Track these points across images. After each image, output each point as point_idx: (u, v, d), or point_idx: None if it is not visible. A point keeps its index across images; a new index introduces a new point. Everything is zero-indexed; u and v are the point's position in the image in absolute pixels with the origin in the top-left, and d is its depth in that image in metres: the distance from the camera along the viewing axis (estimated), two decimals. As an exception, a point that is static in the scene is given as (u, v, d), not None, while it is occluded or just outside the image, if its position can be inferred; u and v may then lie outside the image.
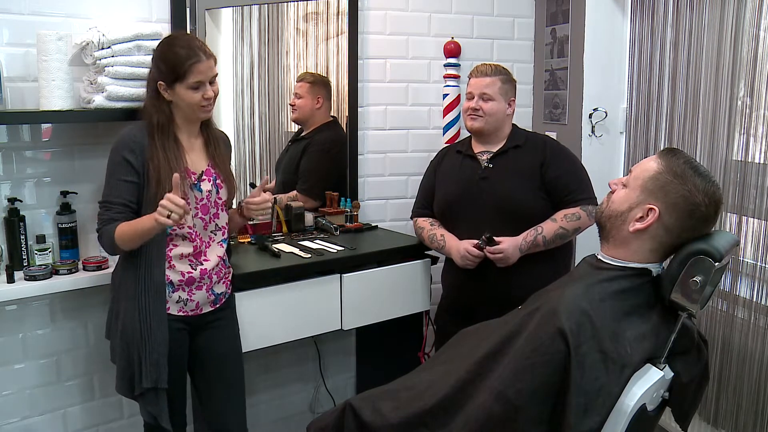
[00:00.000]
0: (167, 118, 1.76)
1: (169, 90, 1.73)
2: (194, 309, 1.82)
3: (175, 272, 1.77)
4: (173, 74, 1.71)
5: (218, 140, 1.89)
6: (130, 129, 1.76)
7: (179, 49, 1.71)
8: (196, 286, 1.80)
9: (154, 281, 1.74)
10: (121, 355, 1.76)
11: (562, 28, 2.72)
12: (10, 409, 2.10)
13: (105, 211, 1.72)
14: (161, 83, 1.73)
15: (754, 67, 2.01)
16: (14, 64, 1.95)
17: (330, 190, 2.60)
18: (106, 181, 1.75)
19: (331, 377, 2.73)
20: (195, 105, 1.74)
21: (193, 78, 1.71)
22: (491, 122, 2.19)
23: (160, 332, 1.73)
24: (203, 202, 1.81)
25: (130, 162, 1.71)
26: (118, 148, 1.73)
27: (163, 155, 1.72)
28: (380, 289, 2.24)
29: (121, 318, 1.76)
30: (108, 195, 1.73)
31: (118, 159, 1.72)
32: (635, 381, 1.32)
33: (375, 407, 1.46)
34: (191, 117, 1.79)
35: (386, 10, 2.63)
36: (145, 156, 1.71)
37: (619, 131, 2.67)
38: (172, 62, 1.70)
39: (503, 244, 2.06)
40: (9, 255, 1.97)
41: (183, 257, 1.78)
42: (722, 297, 2.15)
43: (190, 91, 1.72)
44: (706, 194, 1.37)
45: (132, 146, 1.71)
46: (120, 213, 1.71)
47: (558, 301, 1.37)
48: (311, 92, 2.57)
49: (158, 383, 1.73)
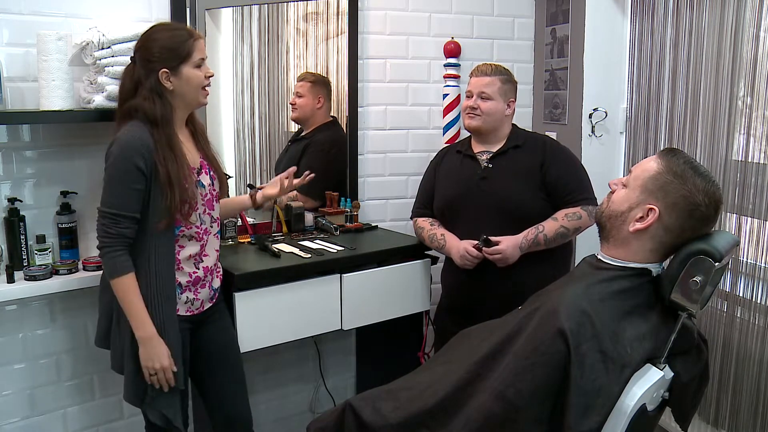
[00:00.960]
0: (169, 111, 1.71)
1: (174, 77, 1.69)
2: (199, 307, 1.82)
3: (183, 274, 1.76)
4: (178, 56, 1.68)
5: (203, 132, 1.87)
6: (132, 132, 1.65)
7: (175, 31, 1.71)
8: (201, 284, 1.80)
9: (165, 285, 1.70)
10: (129, 361, 1.70)
11: (562, 28, 2.72)
12: (10, 409, 2.10)
13: (113, 224, 1.62)
14: (165, 71, 1.68)
15: (754, 67, 2.01)
16: (14, 64, 1.95)
17: (330, 190, 2.60)
18: (112, 189, 1.64)
19: (331, 377, 2.73)
20: (199, 85, 1.73)
21: (198, 55, 1.71)
22: (489, 121, 2.19)
23: (174, 334, 1.72)
24: (207, 197, 1.79)
25: (141, 169, 1.62)
26: (127, 154, 1.62)
27: (171, 155, 1.66)
28: (380, 289, 2.24)
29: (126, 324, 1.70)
30: (118, 206, 1.63)
31: (128, 166, 1.62)
32: (635, 381, 1.32)
33: (375, 407, 1.46)
34: (192, 103, 1.75)
35: (386, 10, 2.63)
36: (153, 159, 1.64)
37: (619, 131, 2.67)
38: (175, 44, 1.69)
39: (501, 244, 2.06)
40: (9, 255, 1.97)
41: (190, 258, 1.77)
42: (722, 297, 2.16)
43: (196, 70, 1.71)
44: (706, 194, 1.37)
45: (143, 151, 1.62)
46: (129, 228, 1.64)
47: (558, 301, 1.37)
48: (312, 92, 2.57)
49: (179, 383, 1.72)
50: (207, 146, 1.86)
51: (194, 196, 1.71)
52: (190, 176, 1.71)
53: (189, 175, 1.70)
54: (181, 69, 1.70)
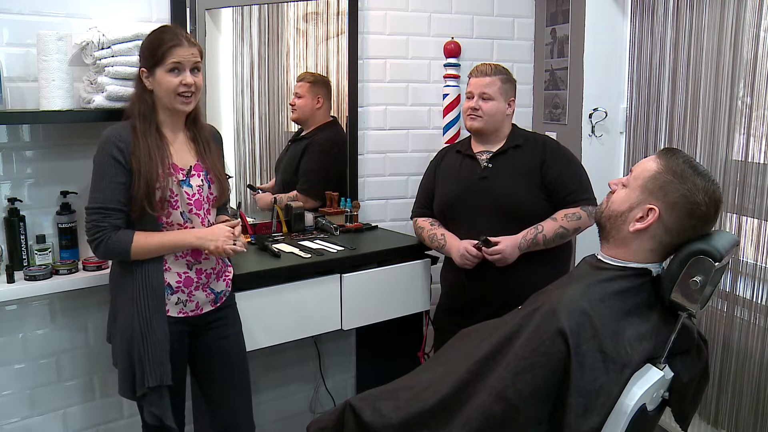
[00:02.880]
0: (149, 107, 1.73)
1: (150, 77, 1.72)
2: (194, 309, 1.81)
3: (172, 274, 1.76)
4: (153, 58, 1.70)
5: (208, 140, 1.85)
6: (113, 128, 1.71)
7: (162, 34, 1.72)
8: (195, 286, 1.80)
9: (152, 282, 1.72)
10: (122, 357, 1.74)
11: (562, 28, 2.72)
12: (10, 409, 2.10)
13: (102, 218, 1.66)
14: (143, 70, 1.72)
15: (754, 67, 2.01)
16: (14, 64, 1.95)
17: (330, 190, 2.60)
18: (94, 185, 1.68)
19: (331, 377, 2.73)
20: (172, 91, 1.70)
21: (171, 59, 1.69)
22: (491, 122, 2.19)
23: (160, 329, 1.72)
24: (195, 197, 1.78)
25: (119, 161, 1.66)
26: (104, 148, 1.67)
27: (145, 145, 1.68)
28: (380, 289, 2.24)
29: (120, 320, 1.75)
30: (102, 200, 1.66)
31: (105, 159, 1.66)
32: (635, 381, 1.32)
33: (375, 407, 1.46)
34: (170, 106, 1.74)
35: (386, 10, 2.63)
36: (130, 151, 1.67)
37: (619, 131, 2.67)
38: (154, 46, 1.70)
39: (501, 244, 2.06)
40: (9, 255, 1.97)
41: (178, 258, 1.76)
42: (722, 297, 2.15)
43: (168, 75, 1.69)
44: (706, 193, 1.37)
45: (119, 144, 1.67)
46: (119, 219, 1.67)
47: (558, 301, 1.37)
48: (311, 92, 2.57)
49: (163, 380, 1.71)
50: (209, 153, 1.84)
51: (167, 189, 1.70)
52: (166, 171, 1.71)
53: (164, 169, 1.70)
54: (155, 71, 1.71)
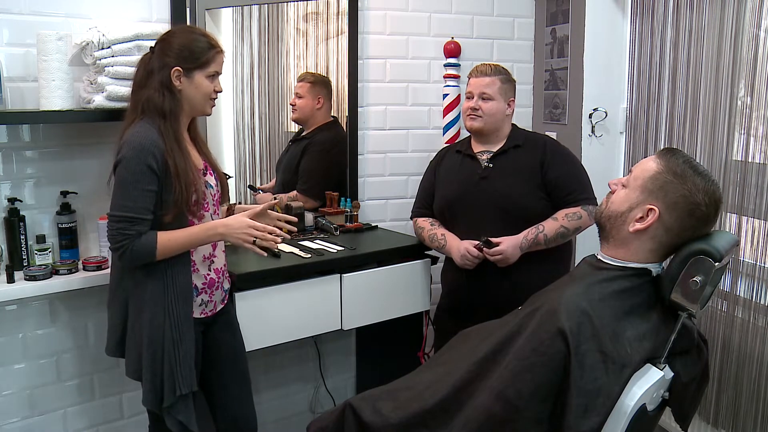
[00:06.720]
0: (178, 106, 1.71)
1: (185, 78, 1.70)
2: (212, 309, 1.83)
3: (199, 276, 1.77)
4: (195, 61, 1.70)
5: (204, 142, 1.89)
6: (143, 133, 1.63)
7: (201, 37, 1.73)
8: (216, 287, 1.82)
9: (181, 286, 1.69)
10: (148, 367, 1.67)
11: (562, 28, 2.72)
12: (10, 409, 2.10)
13: (130, 225, 1.60)
14: (177, 69, 1.68)
15: (754, 67, 2.01)
16: (14, 64, 1.94)
17: (330, 190, 2.60)
18: (124, 191, 1.61)
19: (331, 377, 2.73)
20: (207, 96, 1.74)
21: (214, 67, 1.73)
22: (491, 122, 2.19)
23: (190, 335, 1.71)
24: (216, 197, 1.82)
25: (153, 170, 1.61)
26: (140, 156, 1.60)
27: (178, 149, 1.66)
28: (380, 289, 2.24)
29: (147, 328, 1.67)
30: (131, 209, 1.60)
31: (140, 168, 1.60)
32: (635, 381, 1.32)
33: (375, 407, 1.46)
34: (197, 109, 1.76)
35: (386, 10, 2.63)
36: (164, 157, 1.63)
37: (619, 131, 2.67)
38: (198, 49, 1.70)
39: (502, 245, 2.06)
40: (9, 255, 1.97)
41: (204, 260, 1.78)
42: (722, 297, 2.15)
43: (207, 80, 1.73)
44: (706, 193, 1.37)
45: (154, 152, 1.62)
46: (146, 227, 1.63)
47: (558, 301, 1.37)
48: (312, 92, 2.57)
49: (192, 386, 1.70)
50: (208, 152, 1.87)
51: (201, 191, 1.71)
52: (197, 173, 1.72)
53: (196, 170, 1.71)
54: (194, 73, 1.71)
